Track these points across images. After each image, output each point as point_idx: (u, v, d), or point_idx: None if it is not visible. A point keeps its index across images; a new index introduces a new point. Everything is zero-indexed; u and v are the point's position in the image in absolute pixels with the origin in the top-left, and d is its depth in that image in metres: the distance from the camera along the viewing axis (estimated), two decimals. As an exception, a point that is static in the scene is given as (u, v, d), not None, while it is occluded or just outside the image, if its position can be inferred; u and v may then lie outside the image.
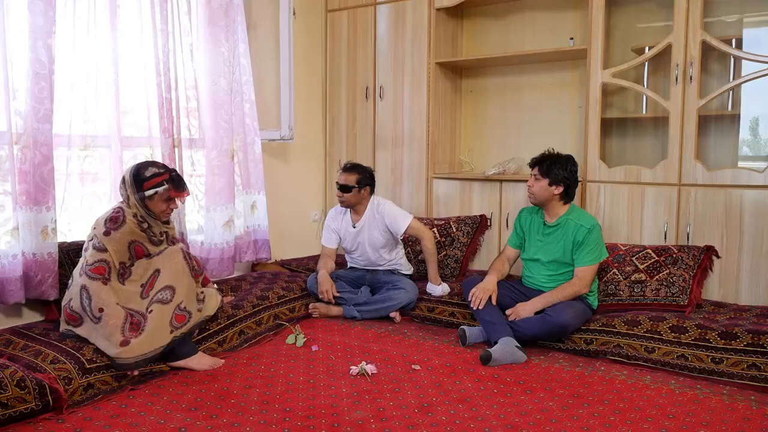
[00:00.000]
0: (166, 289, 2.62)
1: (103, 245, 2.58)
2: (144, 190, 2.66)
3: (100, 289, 2.50)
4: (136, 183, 2.67)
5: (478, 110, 4.35)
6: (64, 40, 2.92)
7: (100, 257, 2.56)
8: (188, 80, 3.48)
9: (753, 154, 3.45)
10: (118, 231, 2.62)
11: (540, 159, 3.07)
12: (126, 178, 2.71)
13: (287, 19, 3.98)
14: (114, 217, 2.65)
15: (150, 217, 2.72)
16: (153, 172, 2.70)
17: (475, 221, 3.94)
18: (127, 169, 2.76)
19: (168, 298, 2.60)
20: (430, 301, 3.41)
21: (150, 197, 2.68)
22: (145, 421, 2.14)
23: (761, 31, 3.38)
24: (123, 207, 2.70)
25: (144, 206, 2.69)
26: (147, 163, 2.78)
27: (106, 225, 2.62)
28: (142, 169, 2.71)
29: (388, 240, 3.52)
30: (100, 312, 2.46)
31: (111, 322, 2.45)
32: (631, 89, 3.60)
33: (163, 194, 2.69)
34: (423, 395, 2.38)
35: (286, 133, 4.05)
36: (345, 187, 3.44)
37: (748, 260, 3.16)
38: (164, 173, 2.71)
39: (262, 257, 3.91)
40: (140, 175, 2.68)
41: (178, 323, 2.59)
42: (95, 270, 2.53)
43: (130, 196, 2.69)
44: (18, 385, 2.08)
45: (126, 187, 2.70)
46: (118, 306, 2.51)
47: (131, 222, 2.66)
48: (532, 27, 4.07)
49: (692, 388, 2.47)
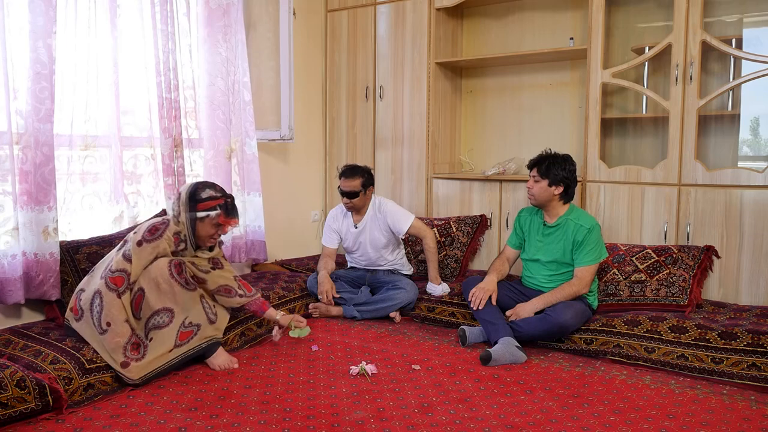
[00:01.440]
0: (162, 312, 2.53)
1: (130, 255, 2.53)
2: (197, 210, 2.61)
3: (112, 303, 2.46)
4: (191, 202, 2.62)
5: (478, 110, 4.35)
6: (65, 40, 2.92)
7: (122, 267, 2.51)
8: (186, 80, 3.48)
9: (753, 154, 3.45)
10: (150, 244, 2.56)
11: (538, 160, 3.06)
12: (181, 194, 2.65)
13: (287, 18, 3.98)
14: (155, 227, 2.60)
15: (191, 240, 2.65)
16: (209, 195, 2.64)
17: (475, 221, 3.95)
18: (184, 186, 2.70)
19: (165, 321, 2.53)
20: (430, 301, 3.41)
21: (201, 219, 2.62)
22: (145, 421, 2.14)
23: (761, 31, 3.38)
24: (170, 221, 2.64)
25: (192, 227, 2.63)
26: (205, 184, 2.71)
27: (144, 234, 2.57)
28: (199, 189, 2.65)
29: (389, 240, 3.52)
30: (107, 326, 2.44)
31: (115, 340, 2.43)
32: (631, 89, 3.60)
33: (213, 218, 2.64)
34: (423, 395, 2.38)
35: (286, 133, 4.05)
36: (352, 194, 3.41)
37: (748, 260, 3.16)
38: (220, 198, 2.66)
39: (259, 258, 3.91)
40: (196, 195, 2.63)
41: (182, 341, 2.55)
42: (113, 280, 2.49)
43: (181, 213, 2.63)
44: (18, 385, 2.08)
45: (179, 204, 2.64)
46: (125, 324, 2.47)
47: (168, 239, 2.60)
48: (531, 27, 4.07)
49: (692, 388, 2.47)
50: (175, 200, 2.69)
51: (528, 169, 3.11)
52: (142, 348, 2.48)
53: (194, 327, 2.59)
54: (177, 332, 2.54)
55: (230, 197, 2.71)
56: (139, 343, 2.49)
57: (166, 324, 2.53)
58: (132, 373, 2.40)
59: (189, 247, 2.67)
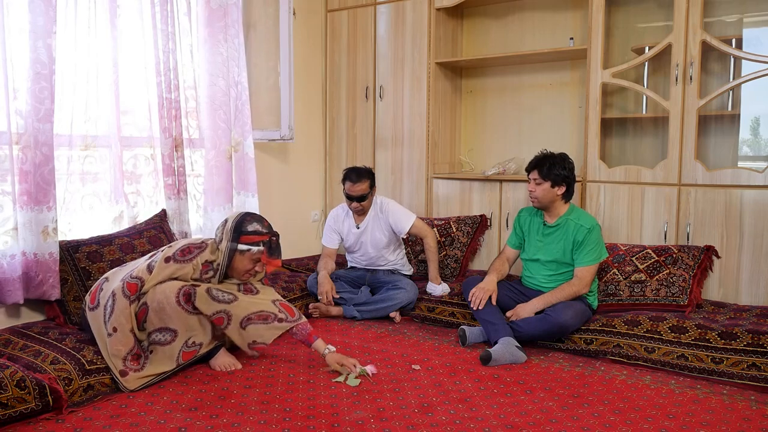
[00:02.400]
0: (164, 330, 2.48)
1: (153, 267, 2.50)
2: (239, 242, 2.56)
3: (123, 309, 2.44)
4: (235, 233, 2.57)
5: (478, 110, 4.35)
6: (65, 40, 2.92)
7: (141, 275, 2.48)
8: (187, 81, 3.48)
9: (753, 154, 3.45)
10: (177, 264, 2.51)
11: (537, 162, 3.04)
12: (228, 222, 2.61)
13: (287, 19, 3.97)
14: (189, 249, 2.55)
15: (222, 270, 2.59)
16: (255, 229, 2.58)
17: (475, 221, 3.95)
18: (234, 214, 2.64)
19: (167, 340, 2.49)
20: (430, 301, 3.41)
21: (241, 252, 2.56)
22: (145, 421, 2.14)
23: (761, 31, 3.38)
24: (207, 247, 2.59)
25: (230, 257, 2.57)
26: (254, 217, 2.64)
27: (176, 252, 2.53)
28: (246, 221, 2.59)
29: (390, 239, 3.52)
30: (113, 330, 2.43)
31: (117, 347, 2.42)
32: (631, 89, 3.60)
33: (255, 254, 2.57)
34: (423, 395, 2.38)
35: (286, 133, 4.05)
36: (362, 197, 3.41)
37: (748, 260, 3.16)
38: (266, 234, 2.59)
39: None
40: (242, 227, 2.57)
41: (185, 360, 2.53)
42: (130, 286, 2.46)
43: (223, 241, 2.58)
44: (18, 386, 2.08)
45: (224, 231, 2.59)
46: (130, 333, 2.45)
47: (196, 265, 2.54)
48: (531, 27, 4.07)
49: (692, 388, 2.47)
50: (220, 227, 2.63)
51: (526, 172, 3.10)
52: (142, 359, 2.47)
53: (198, 346, 2.57)
54: (179, 352, 2.51)
55: (276, 235, 2.62)
56: (140, 354, 2.48)
57: (167, 342, 2.49)
58: (129, 383, 2.40)
59: (217, 277, 2.60)
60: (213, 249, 2.61)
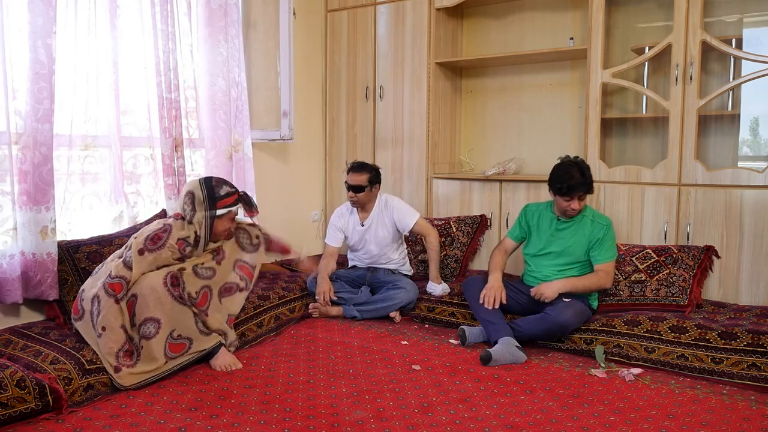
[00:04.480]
0: (149, 321, 2.49)
1: (130, 263, 2.52)
2: (217, 208, 2.60)
3: (110, 308, 2.46)
4: (211, 200, 2.60)
5: (478, 110, 4.35)
6: (65, 40, 2.92)
7: (122, 274, 2.51)
8: (187, 81, 3.48)
9: (753, 154, 3.45)
10: (153, 254, 2.55)
11: (581, 182, 2.90)
12: (196, 195, 2.62)
13: (287, 19, 3.97)
14: (158, 236, 2.57)
15: (205, 240, 2.63)
16: (227, 191, 2.63)
17: (475, 221, 3.95)
18: (194, 186, 2.66)
19: (152, 332, 2.49)
20: (430, 301, 3.41)
21: (220, 216, 2.61)
22: (145, 421, 2.14)
23: (761, 31, 3.38)
24: (172, 227, 2.60)
25: (211, 225, 2.61)
26: (217, 180, 2.68)
27: (146, 243, 2.55)
28: (215, 187, 2.63)
29: (393, 237, 3.53)
30: (102, 330, 2.44)
31: (108, 345, 2.43)
32: (631, 89, 3.60)
33: (232, 213, 2.64)
34: (423, 395, 2.38)
35: (286, 133, 4.05)
36: (358, 188, 3.42)
37: (748, 260, 3.16)
38: (235, 193, 2.66)
39: None
40: (214, 194, 2.61)
41: (174, 353, 2.53)
42: (112, 286, 2.48)
43: (197, 214, 2.59)
44: (18, 385, 2.08)
45: (194, 205, 2.60)
46: (120, 330, 2.46)
47: (171, 247, 2.58)
48: (531, 27, 4.07)
49: (692, 388, 2.47)
50: (187, 201, 2.64)
51: (564, 194, 2.93)
52: (134, 355, 2.47)
53: (185, 340, 2.57)
54: (165, 344, 2.51)
55: (243, 191, 2.69)
56: (132, 351, 2.48)
57: (152, 335, 2.49)
58: (123, 379, 2.40)
59: (200, 248, 2.63)
60: (181, 226, 2.62)
